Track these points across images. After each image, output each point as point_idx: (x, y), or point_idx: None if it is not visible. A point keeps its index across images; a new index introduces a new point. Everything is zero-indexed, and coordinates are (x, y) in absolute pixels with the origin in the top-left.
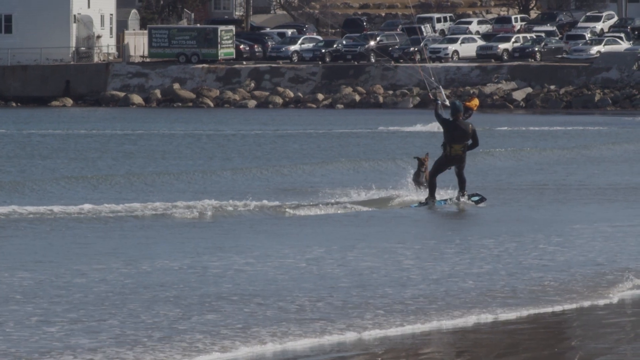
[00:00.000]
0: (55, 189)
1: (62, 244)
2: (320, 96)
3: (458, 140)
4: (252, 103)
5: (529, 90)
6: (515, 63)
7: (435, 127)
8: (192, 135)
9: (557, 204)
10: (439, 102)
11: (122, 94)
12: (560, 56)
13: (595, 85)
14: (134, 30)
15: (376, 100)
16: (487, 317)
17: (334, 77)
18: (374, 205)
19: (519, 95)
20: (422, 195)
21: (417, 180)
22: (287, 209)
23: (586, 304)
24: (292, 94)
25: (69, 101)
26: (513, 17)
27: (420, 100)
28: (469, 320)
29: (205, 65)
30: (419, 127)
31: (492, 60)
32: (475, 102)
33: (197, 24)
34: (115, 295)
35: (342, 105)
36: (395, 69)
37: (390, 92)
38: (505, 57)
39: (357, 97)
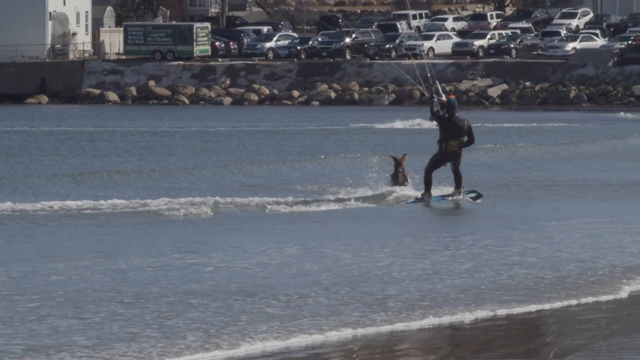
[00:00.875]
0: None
1: (34, 242)
2: (295, 93)
3: (454, 137)
4: (228, 100)
5: (505, 86)
6: (491, 60)
7: (415, 124)
8: (170, 132)
9: (528, 200)
10: (435, 100)
11: (97, 91)
12: (535, 53)
13: (570, 82)
14: (109, 27)
15: (351, 97)
16: (464, 314)
17: (309, 74)
18: (369, 202)
19: (494, 91)
20: (411, 191)
21: (394, 182)
22: (269, 206)
23: (565, 300)
24: (267, 91)
25: (45, 98)
26: (488, 14)
27: (396, 97)
28: (445, 318)
29: (181, 63)
30: (398, 124)
31: (468, 57)
32: (450, 97)
33: (172, 21)
34: (95, 292)
35: (317, 102)
36: (370, 65)
37: (366, 89)
38: (481, 54)
39: (333, 94)
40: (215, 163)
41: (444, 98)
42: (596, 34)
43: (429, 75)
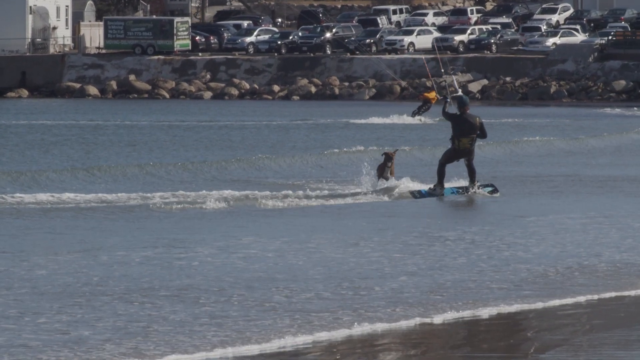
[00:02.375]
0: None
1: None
2: (276, 88)
3: (466, 134)
4: (208, 94)
5: (485, 82)
6: (471, 55)
7: (395, 119)
8: (156, 126)
9: (508, 197)
10: (448, 100)
11: (77, 85)
12: (516, 48)
13: (551, 77)
14: (89, 21)
15: (332, 92)
16: (445, 310)
17: (289, 69)
18: (379, 196)
19: (474, 87)
20: (385, 184)
21: (380, 174)
22: (262, 201)
23: (549, 296)
24: (248, 86)
25: (25, 92)
26: (469, 9)
27: (376, 92)
28: (425, 312)
29: (161, 57)
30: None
31: (448, 52)
32: (433, 94)
33: (152, 15)
34: (84, 286)
35: (297, 97)
36: (351, 60)
37: (346, 83)
38: (461, 49)
39: (313, 89)
40: (203, 158)
41: (460, 92)
42: (576, 30)
43: (445, 82)
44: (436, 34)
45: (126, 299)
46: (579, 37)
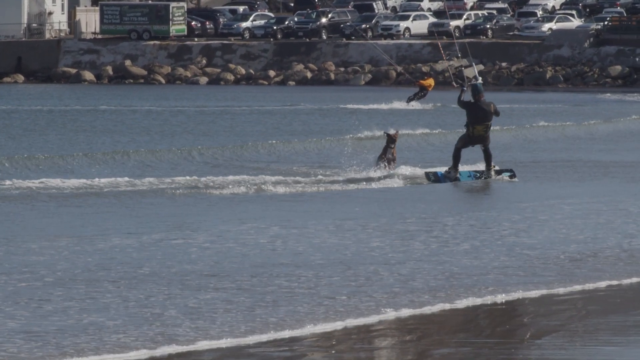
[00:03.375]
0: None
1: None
2: (271, 73)
3: (481, 121)
4: (204, 80)
5: (481, 67)
6: (467, 40)
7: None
8: (154, 111)
9: (505, 183)
10: (465, 88)
11: (73, 71)
12: (511, 33)
13: (546, 63)
14: (85, 6)
15: (327, 77)
16: (442, 297)
17: (285, 54)
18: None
19: (470, 72)
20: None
21: (382, 156)
22: (263, 186)
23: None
24: (243, 71)
25: (21, 77)
26: None
27: (372, 77)
28: (421, 301)
29: (157, 42)
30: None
31: (444, 37)
32: (431, 81)
33: (148, 0)
34: (85, 272)
35: (293, 82)
36: (346, 45)
37: (342, 69)
38: (457, 34)
39: (309, 74)
40: (204, 144)
41: (480, 80)
42: (572, 15)
43: (462, 67)
44: (432, 19)
45: (132, 285)
46: (575, 23)
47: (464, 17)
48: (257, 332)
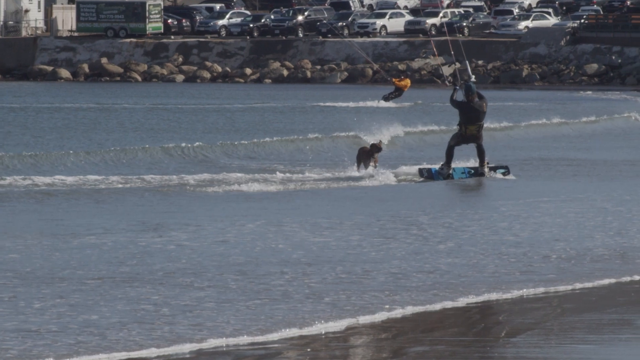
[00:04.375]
0: None
1: None
2: (248, 71)
3: (473, 121)
4: (180, 77)
5: (457, 65)
6: (443, 38)
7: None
8: (132, 109)
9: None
10: (457, 87)
11: (50, 68)
12: (488, 31)
13: (523, 61)
14: (62, 4)
15: (304, 75)
16: (417, 297)
17: (262, 52)
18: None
19: (446, 70)
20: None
21: (364, 163)
22: (239, 186)
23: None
24: (220, 69)
25: None
26: None
27: (348, 75)
28: (404, 300)
29: (133, 40)
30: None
31: (420, 35)
32: (406, 82)
33: None
34: (65, 270)
35: (270, 80)
36: (323, 43)
37: (318, 67)
38: (433, 32)
39: (285, 72)
40: (174, 141)
41: (473, 78)
42: (548, 13)
43: (456, 65)
44: (408, 17)
45: (117, 283)
46: (551, 21)
47: (440, 15)
48: (269, 330)
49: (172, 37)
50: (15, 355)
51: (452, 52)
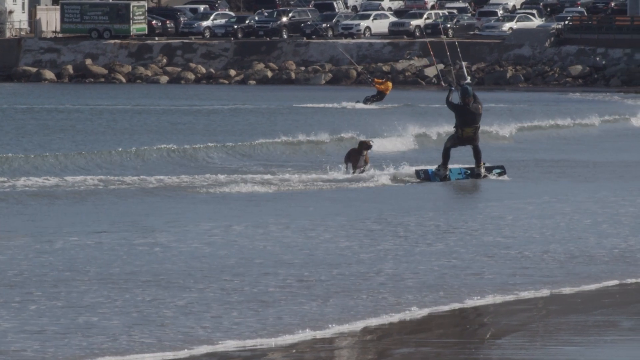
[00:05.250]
0: None
1: None
2: (232, 72)
3: (469, 124)
4: (164, 79)
5: (441, 66)
6: (428, 39)
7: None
8: (115, 110)
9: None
10: (453, 88)
11: (34, 70)
12: (472, 33)
13: (507, 62)
14: (46, 5)
15: (288, 77)
16: (402, 300)
17: (246, 53)
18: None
19: (431, 71)
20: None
21: (354, 163)
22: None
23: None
24: (204, 70)
25: None
26: None
27: (333, 76)
28: (383, 302)
29: (118, 41)
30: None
31: (404, 36)
32: (387, 85)
33: None
34: (54, 272)
35: (254, 82)
36: (307, 45)
37: (303, 68)
38: (418, 34)
39: (270, 73)
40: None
41: (468, 79)
42: (533, 14)
43: (452, 68)
44: (392, 19)
45: (109, 285)
46: (536, 22)
47: (425, 16)
48: (285, 331)
49: (156, 38)
50: (31, 357)
51: (448, 54)
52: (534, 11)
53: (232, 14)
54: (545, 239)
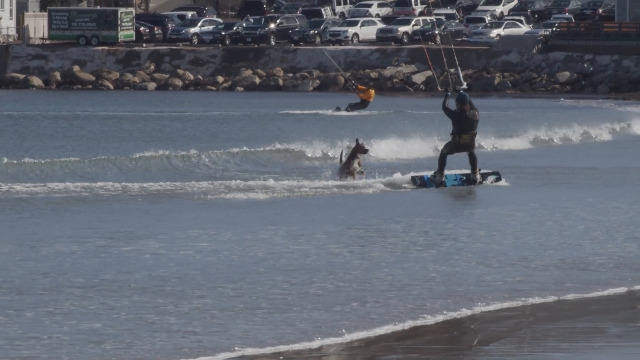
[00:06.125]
0: None
1: None
2: (220, 79)
3: (466, 130)
4: (152, 85)
5: (429, 73)
6: (415, 46)
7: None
8: (101, 116)
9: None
10: (449, 93)
11: (21, 76)
12: (460, 39)
13: (495, 69)
14: (34, 12)
15: (276, 83)
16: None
17: (234, 60)
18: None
19: (418, 78)
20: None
21: (347, 167)
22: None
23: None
24: (192, 77)
25: None
26: (413, 0)
27: (320, 83)
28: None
29: (105, 48)
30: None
31: (392, 43)
32: (370, 93)
33: (97, 6)
34: (45, 279)
35: (242, 88)
36: (295, 51)
37: (290, 74)
38: (405, 40)
39: (257, 80)
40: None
41: (464, 85)
42: (520, 21)
43: (448, 72)
44: (380, 25)
45: (103, 292)
46: (523, 29)
47: (412, 23)
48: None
49: (144, 45)
50: None
51: (445, 59)
52: (522, 18)
53: (220, 20)
54: (544, 245)
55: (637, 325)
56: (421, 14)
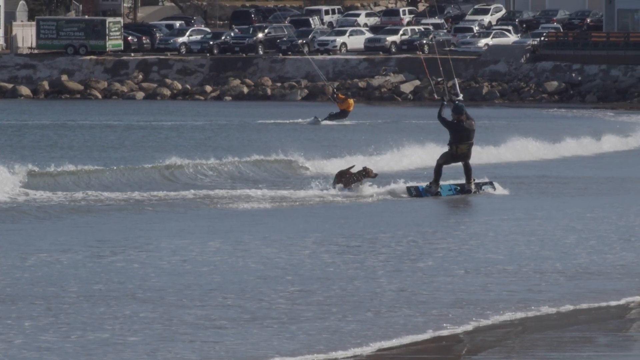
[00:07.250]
0: None
1: None
2: (208, 88)
3: (464, 140)
4: (140, 95)
5: (417, 82)
6: (404, 55)
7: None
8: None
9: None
10: (445, 102)
11: (9, 86)
12: (448, 49)
13: (483, 78)
14: (22, 21)
15: (264, 93)
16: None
17: (222, 69)
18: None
19: (407, 87)
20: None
21: (346, 184)
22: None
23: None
24: (180, 86)
25: None
26: (401, 10)
27: (308, 92)
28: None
29: (94, 57)
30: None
31: (380, 52)
32: (349, 103)
33: (85, 15)
34: (35, 288)
35: (230, 97)
36: (283, 61)
37: (279, 84)
38: (394, 50)
39: (245, 89)
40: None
41: (461, 97)
42: (509, 30)
43: (446, 83)
44: (368, 35)
45: (99, 302)
46: (511, 38)
47: (400, 32)
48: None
49: (132, 54)
50: None
51: (441, 69)
52: (510, 27)
53: (208, 30)
54: (537, 254)
55: (626, 335)
56: (409, 23)
